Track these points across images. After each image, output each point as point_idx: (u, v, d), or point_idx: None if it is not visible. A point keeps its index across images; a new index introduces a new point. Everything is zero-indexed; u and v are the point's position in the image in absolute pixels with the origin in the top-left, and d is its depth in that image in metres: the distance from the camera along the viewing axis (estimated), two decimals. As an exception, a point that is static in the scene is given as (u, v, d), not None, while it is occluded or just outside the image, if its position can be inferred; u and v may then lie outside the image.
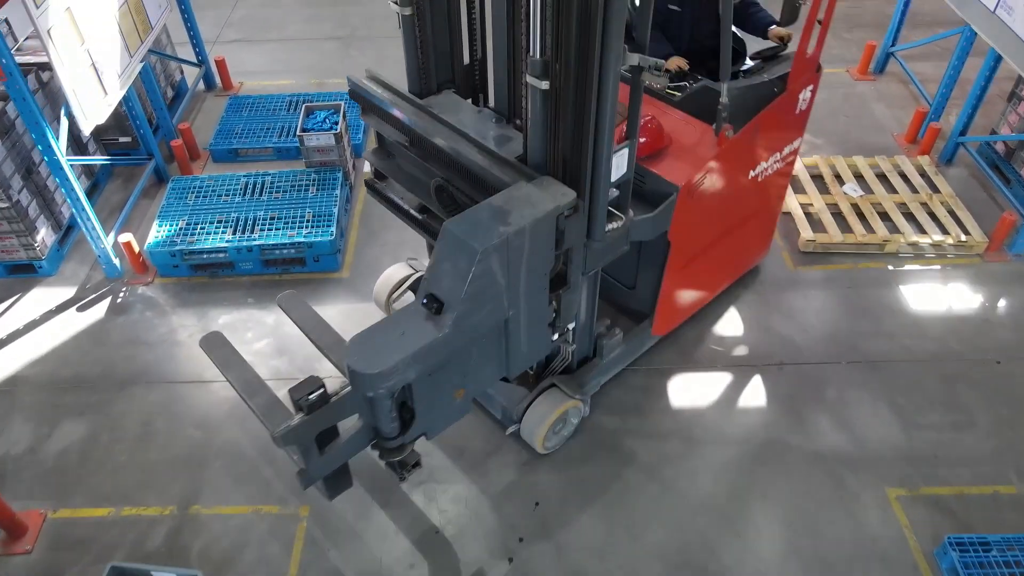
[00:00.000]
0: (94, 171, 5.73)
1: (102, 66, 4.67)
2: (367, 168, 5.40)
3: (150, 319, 4.81)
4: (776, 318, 4.73)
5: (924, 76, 6.70)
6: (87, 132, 4.62)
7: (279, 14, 8.21)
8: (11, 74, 4.07)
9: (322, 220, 5.07)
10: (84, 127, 4.51)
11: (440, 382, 2.91)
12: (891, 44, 6.90)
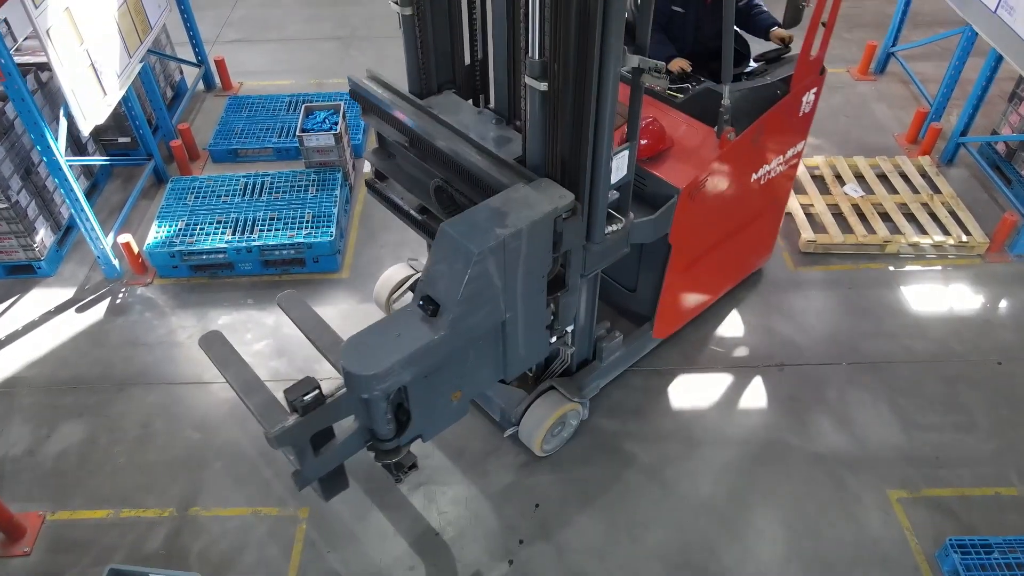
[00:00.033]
0: (93, 171, 5.72)
1: (101, 66, 4.66)
2: (367, 168, 5.41)
3: (149, 320, 4.80)
4: (776, 319, 4.72)
5: (925, 76, 6.69)
6: (86, 132, 4.61)
7: (279, 14, 8.20)
8: (10, 74, 4.06)
9: (322, 221, 5.06)
10: (83, 127, 4.50)
11: (436, 384, 2.89)
12: (892, 44, 6.89)
